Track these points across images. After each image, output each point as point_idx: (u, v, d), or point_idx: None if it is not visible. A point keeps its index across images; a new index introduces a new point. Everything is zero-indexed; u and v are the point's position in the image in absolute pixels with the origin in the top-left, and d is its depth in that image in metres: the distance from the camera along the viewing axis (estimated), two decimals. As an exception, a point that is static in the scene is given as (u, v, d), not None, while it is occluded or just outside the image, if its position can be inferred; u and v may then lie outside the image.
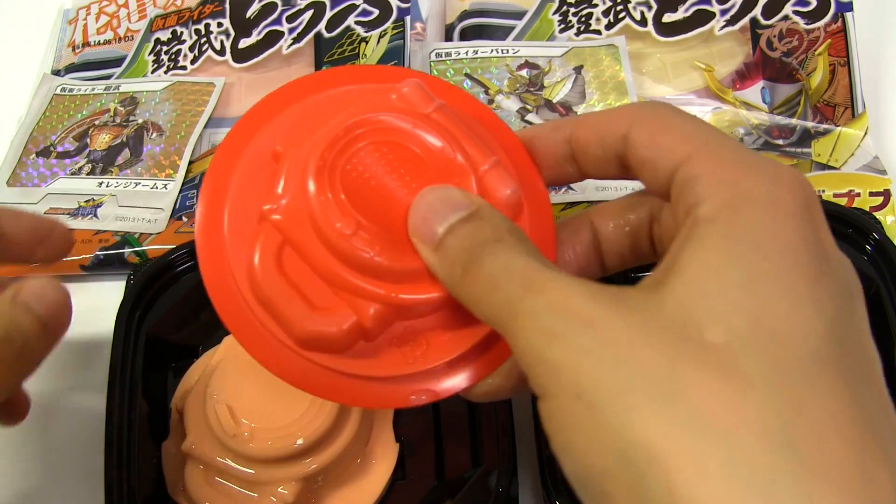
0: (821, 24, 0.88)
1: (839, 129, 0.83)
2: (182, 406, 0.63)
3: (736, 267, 0.34)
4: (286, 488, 0.57)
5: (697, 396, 0.32)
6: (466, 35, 0.95)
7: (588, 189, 0.81)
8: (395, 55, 0.90)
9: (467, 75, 0.90)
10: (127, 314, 0.67)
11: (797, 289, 0.34)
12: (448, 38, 0.95)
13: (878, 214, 0.76)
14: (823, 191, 0.78)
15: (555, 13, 0.94)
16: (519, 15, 0.95)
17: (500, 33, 0.94)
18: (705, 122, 0.41)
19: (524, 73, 0.90)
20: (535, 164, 0.47)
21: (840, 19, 0.88)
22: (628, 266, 0.48)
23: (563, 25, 0.94)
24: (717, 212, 0.36)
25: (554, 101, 0.88)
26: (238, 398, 0.59)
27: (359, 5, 0.94)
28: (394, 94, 0.46)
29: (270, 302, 0.42)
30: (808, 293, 0.34)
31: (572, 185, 0.81)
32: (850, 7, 0.88)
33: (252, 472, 0.57)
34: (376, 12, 0.93)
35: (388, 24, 0.92)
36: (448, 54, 0.91)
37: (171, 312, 0.69)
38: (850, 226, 0.69)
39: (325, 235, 0.43)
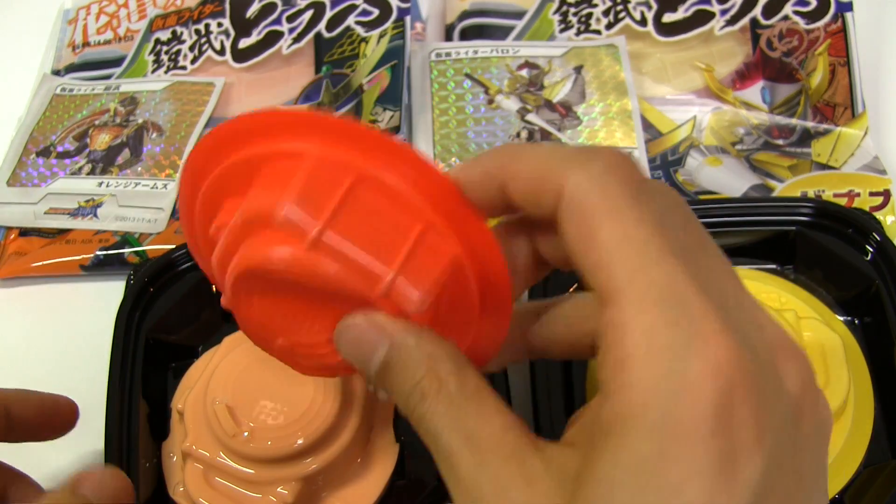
0: (821, 24, 0.88)
1: (839, 129, 0.83)
2: (182, 406, 0.63)
3: (648, 493, 0.32)
4: (286, 488, 0.57)
5: None
6: (466, 35, 0.95)
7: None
8: (395, 55, 0.90)
9: (467, 75, 0.90)
10: (127, 314, 0.67)
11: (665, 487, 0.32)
12: (448, 38, 0.95)
13: (878, 214, 0.76)
14: (823, 191, 0.79)
15: (555, 13, 0.94)
16: (519, 15, 0.95)
17: (500, 33, 0.94)
18: (633, 228, 0.35)
19: (524, 72, 0.90)
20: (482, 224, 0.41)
21: (840, 19, 0.88)
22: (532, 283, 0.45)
23: (563, 25, 0.94)
24: (611, 434, 0.34)
25: (554, 100, 0.88)
26: (238, 398, 0.59)
27: (359, 5, 0.94)
28: (273, 222, 0.39)
29: None
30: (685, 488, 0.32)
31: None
32: (849, 7, 0.88)
33: (252, 472, 0.57)
34: (376, 12, 0.93)
35: (388, 24, 0.92)
36: (448, 54, 0.91)
37: (171, 312, 0.69)
38: (850, 226, 0.69)
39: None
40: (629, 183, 0.36)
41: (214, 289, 0.71)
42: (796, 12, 0.90)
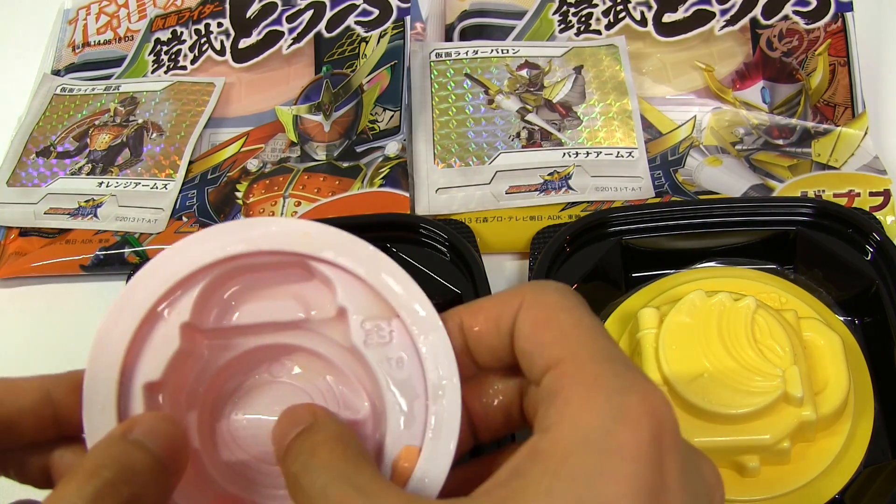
0: (821, 24, 0.88)
1: (839, 129, 0.83)
2: None
3: None
4: None
5: None
6: (466, 35, 0.95)
7: (587, 189, 0.81)
8: (395, 55, 0.90)
9: (467, 75, 0.90)
10: None
11: None
12: (448, 38, 0.95)
13: (878, 214, 0.76)
14: (823, 191, 0.79)
15: (555, 13, 0.94)
16: (519, 15, 0.95)
17: (500, 33, 0.94)
18: (588, 319, 0.40)
19: (524, 73, 0.90)
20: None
21: (840, 19, 0.88)
22: (500, 436, 0.47)
23: (563, 25, 0.94)
24: (550, 454, 0.36)
25: (554, 100, 0.88)
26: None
27: (359, 5, 0.94)
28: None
29: None
30: None
31: (571, 185, 0.81)
32: (850, 7, 0.88)
33: None
34: (376, 12, 0.94)
35: (388, 24, 0.92)
36: (448, 54, 0.91)
37: None
38: (850, 226, 0.69)
39: None
40: (569, 293, 0.42)
41: None
42: (796, 12, 0.90)
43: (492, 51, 0.92)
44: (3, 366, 0.77)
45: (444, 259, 0.71)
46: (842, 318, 0.68)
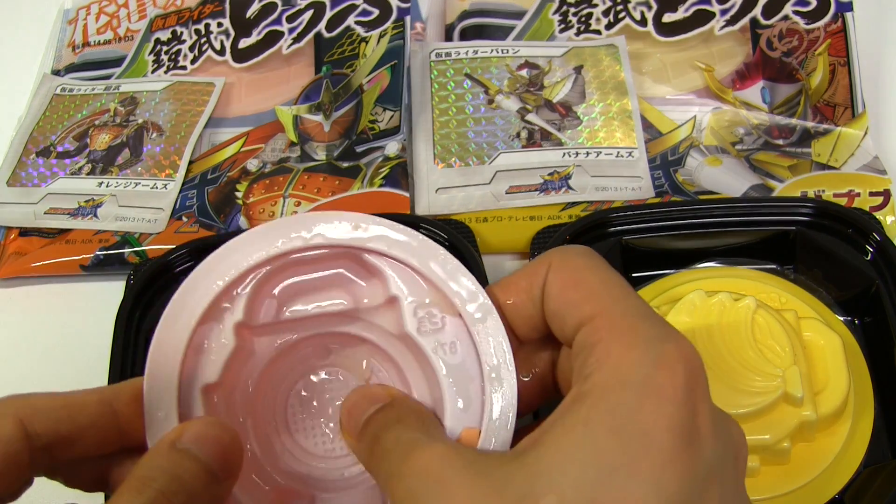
0: (821, 24, 0.88)
1: (839, 129, 0.83)
2: None
3: (585, 448, 0.36)
4: None
5: None
6: (466, 35, 0.95)
7: (588, 189, 0.81)
8: (394, 55, 0.90)
9: (467, 75, 0.90)
10: (127, 314, 0.67)
11: (641, 472, 0.35)
12: (448, 38, 0.95)
13: (878, 214, 0.76)
14: (823, 191, 0.79)
15: (555, 13, 0.94)
16: (519, 15, 0.95)
17: (500, 33, 0.94)
18: (616, 277, 0.42)
19: (524, 72, 0.90)
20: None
21: (840, 19, 0.88)
22: (535, 408, 0.48)
23: (563, 25, 0.94)
24: (590, 393, 0.38)
25: (554, 100, 0.88)
26: None
27: (359, 5, 0.94)
28: None
29: None
30: (653, 477, 0.35)
31: (571, 185, 0.81)
32: (850, 7, 0.88)
33: None
34: (376, 12, 0.94)
35: (388, 24, 0.92)
36: (448, 54, 0.91)
37: None
38: (850, 226, 0.69)
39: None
40: (593, 254, 0.44)
41: None
42: (796, 12, 0.90)
43: (492, 51, 0.92)
44: (3, 366, 0.77)
45: None
46: (842, 318, 0.68)
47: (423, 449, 0.39)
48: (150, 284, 0.69)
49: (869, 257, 0.68)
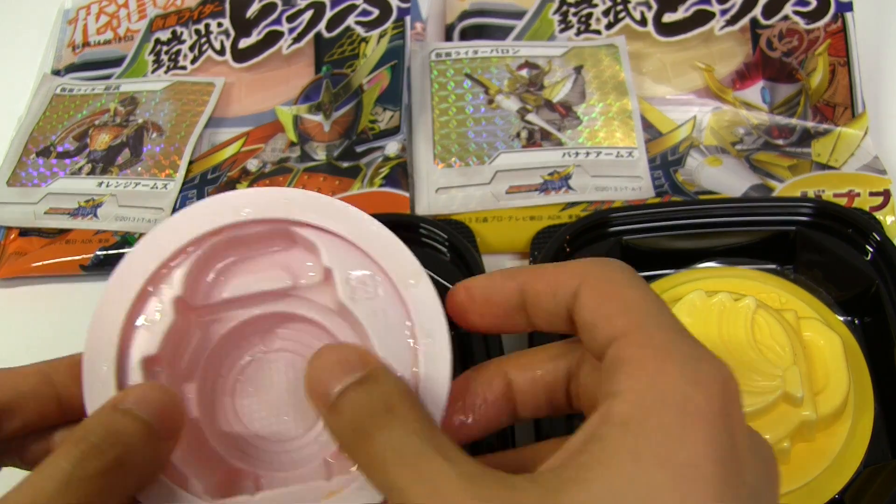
0: (821, 24, 0.88)
1: (839, 129, 0.83)
2: None
3: (636, 485, 0.35)
4: None
5: None
6: (466, 35, 0.95)
7: (587, 189, 0.81)
8: (395, 55, 0.90)
9: (467, 75, 0.90)
10: None
11: (689, 500, 0.35)
12: (448, 38, 0.95)
13: (877, 214, 0.76)
14: (823, 191, 0.79)
15: (555, 13, 0.94)
16: (519, 15, 0.95)
17: (499, 33, 0.94)
18: (650, 293, 0.41)
19: (524, 72, 0.90)
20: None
21: (840, 19, 0.88)
22: (540, 416, 0.48)
23: (563, 25, 0.94)
24: (629, 415, 0.37)
25: (554, 100, 0.88)
26: None
27: (359, 5, 0.94)
28: None
29: None
30: None
31: (571, 185, 0.81)
32: (849, 7, 0.88)
33: None
34: (376, 12, 0.93)
35: (388, 24, 0.92)
36: (448, 54, 0.91)
37: None
38: (850, 226, 0.69)
39: None
40: (631, 270, 0.43)
41: None
42: (796, 12, 0.89)
43: (492, 51, 0.92)
44: (2, 366, 0.77)
45: (444, 259, 0.71)
46: (842, 318, 0.68)
47: (437, 473, 0.37)
48: None
49: (869, 257, 0.68)
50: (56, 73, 0.99)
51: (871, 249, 0.68)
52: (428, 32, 0.96)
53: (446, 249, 0.71)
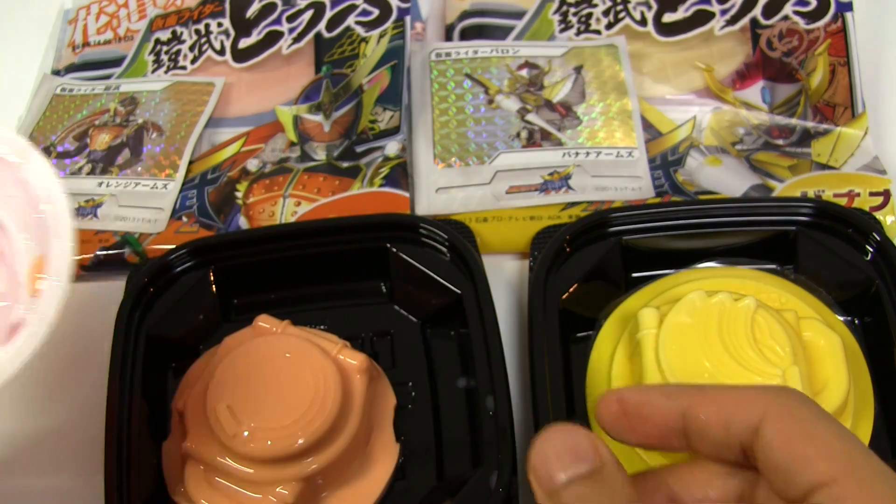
0: (821, 24, 0.88)
1: (839, 129, 0.83)
2: (182, 406, 0.63)
3: None
4: (286, 488, 0.57)
5: None
6: (466, 35, 0.95)
7: (587, 189, 0.81)
8: (394, 55, 0.90)
9: (467, 75, 0.90)
10: (127, 314, 0.67)
11: None
12: (448, 38, 0.95)
13: (877, 214, 0.76)
14: (823, 191, 0.79)
15: (555, 13, 0.94)
16: (519, 15, 0.95)
17: (499, 33, 0.94)
18: (848, 433, 0.39)
19: (524, 72, 0.90)
20: None
21: (840, 19, 0.88)
22: None
23: (563, 25, 0.94)
24: None
25: (554, 100, 0.88)
26: (238, 398, 0.59)
27: (359, 5, 0.94)
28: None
29: None
30: None
31: (571, 185, 0.81)
32: (849, 7, 0.88)
33: (252, 471, 0.58)
34: (376, 12, 0.93)
35: (388, 24, 0.92)
36: (448, 54, 0.92)
37: (171, 312, 0.70)
38: (850, 226, 0.69)
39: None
40: (815, 403, 0.40)
41: (214, 289, 0.71)
42: (796, 12, 0.89)
43: (492, 51, 0.92)
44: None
45: (444, 259, 0.71)
46: (842, 318, 0.68)
47: None
48: (150, 284, 0.70)
49: (869, 257, 0.68)
50: (56, 73, 0.98)
51: (871, 249, 0.68)
52: (428, 32, 0.96)
53: (446, 249, 0.71)
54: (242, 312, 0.73)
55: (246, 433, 0.57)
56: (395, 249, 0.71)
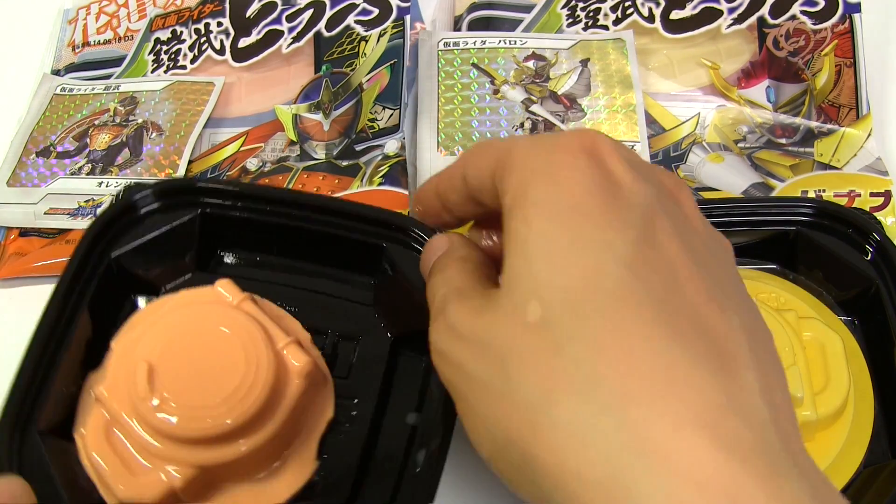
0: (828, 24, 0.88)
1: (843, 129, 0.83)
2: (114, 346, 0.58)
3: (535, 243, 0.39)
4: (179, 472, 0.52)
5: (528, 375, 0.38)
6: (474, 27, 0.95)
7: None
8: (394, 54, 0.90)
9: (474, 65, 0.90)
10: (101, 226, 0.63)
11: (585, 240, 0.38)
12: (456, 29, 0.95)
13: (878, 215, 0.76)
14: (824, 190, 0.78)
15: (563, 7, 0.95)
16: (527, 8, 0.96)
17: (507, 26, 0.95)
18: (517, 136, 0.45)
19: (531, 64, 0.90)
20: None
21: (847, 20, 0.88)
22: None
23: (570, 20, 0.94)
24: (514, 197, 0.41)
25: (559, 92, 0.88)
26: (164, 360, 0.54)
27: (358, 4, 0.94)
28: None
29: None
30: (597, 239, 0.38)
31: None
32: (857, 8, 0.88)
33: (151, 441, 0.53)
34: (376, 11, 0.94)
35: (388, 23, 0.92)
36: (456, 44, 0.92)
37: (146, 243, 0.64)
38: (850, 226, 0.69)
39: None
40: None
41: (198, 234, 0.66)
42: (804, 12, 0.89)
43: (499, 41, 0.92)
44: (2, 366, 0.77)
45: None
46: (842, 318, 0.68)
47: (447, 303, 0.45)
48: (133, 207, 0.64)
49: (869, 257, 0.68)
50: (56, 72, 0.99)
51: (871, 249, 0.68)
52: (437, 23, 0.97)
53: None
54: (220, 266, 0.68)
55: (156, 401, 0.52)
56: (389, 251, 0.65)
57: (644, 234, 0.38)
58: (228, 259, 0.68)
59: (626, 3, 0.93)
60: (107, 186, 0.86)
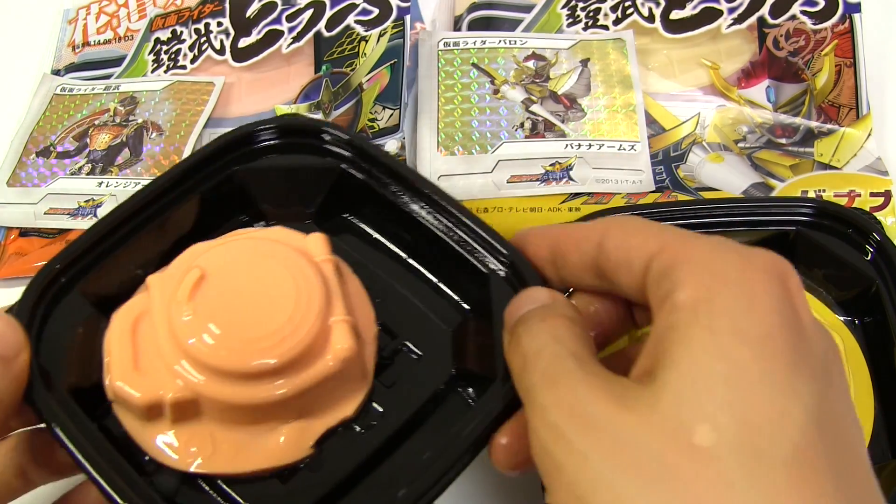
0: (828, 24, 0.88)
1: (843, 129, 0.83)
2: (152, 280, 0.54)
3: (720, 361, 0.36)
4: (175, 389, 0.50)
5: (687, 500, 0.34)
6: (474, 27, 0.95)
7: (588, 181, 0.81)
8: (394, 54, 0.90)
9: (474, 65, 0.90)
10: (229, 140, 0.61)
11: (776, 379, 0.35)
12: (456, 29, 0.95)
13: (878, 215, 0.75)
14: (824, 190, 0.78)
15: (563, 7, 0.94)
16: (527, 8, 0.96)
17: (507, 26, 0.95)
18: (673, 226, 0.42)
19: (531, 64, 0.90)
20: None
21: (848, 20, 0.88)
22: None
23: (570, 20, 0.94)
24: (696, 299, 0.38)
25: (559, 92, 0.88)
26: (217, 279, 0.51)
27: (358, 4, 0.95)
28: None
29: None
30: (787, 382, 0.35)
31: (572, 176, 0.81)
32: (858, 8, 0.88)
33: (168, 350, 0.50)
34: (376, 11, 0.94)
35: (388, 23, 0.92)
36: (456, 44, 0.92)
37: (272, 170, 0.62)
38: (850, 226, 0.69)
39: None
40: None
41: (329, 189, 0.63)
42: (804, 12, 0.89)
43: (499, 41, 0.92)
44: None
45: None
46: (842, 318, 0.68)
47: (563, 375, 0.40)
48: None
49: (869, 257, 0.68)
50: (56, 72, 0.99)
51: (871, 249, 0.68)
52: (437, 22, 0.97)
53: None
54: (337, 228, 0.63)
55: (188, 312, 0.50)
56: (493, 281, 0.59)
57: (824, 390, 0.37)
58: (346, 224, 0.63)
59: (626, 3, 0.93)
60: (106, 186, 0.86)
